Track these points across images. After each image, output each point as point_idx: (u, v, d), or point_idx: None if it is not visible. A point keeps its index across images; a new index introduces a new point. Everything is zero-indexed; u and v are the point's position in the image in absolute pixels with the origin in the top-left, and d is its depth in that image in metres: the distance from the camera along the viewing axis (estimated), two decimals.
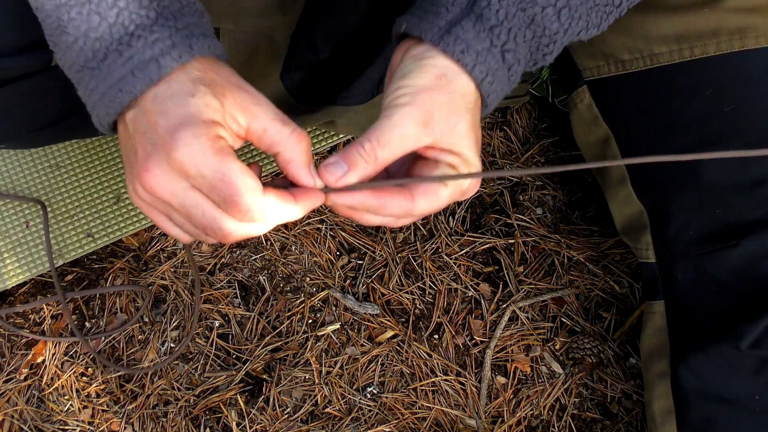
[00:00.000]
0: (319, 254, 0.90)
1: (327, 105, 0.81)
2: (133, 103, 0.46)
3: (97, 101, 0.47)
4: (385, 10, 0.81)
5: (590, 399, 0.85)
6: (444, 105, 0.48)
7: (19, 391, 0.86)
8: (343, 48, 0.81)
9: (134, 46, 0.45)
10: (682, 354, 0.71)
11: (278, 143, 0.47)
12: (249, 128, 0.47)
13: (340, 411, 0.85)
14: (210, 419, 0.85)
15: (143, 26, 0.46)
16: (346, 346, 0.87)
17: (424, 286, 0.88)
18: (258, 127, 0.48)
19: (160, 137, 0.45)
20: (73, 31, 0.46)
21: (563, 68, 0.79)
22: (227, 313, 0.89)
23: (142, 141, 0.46)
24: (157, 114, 0.45)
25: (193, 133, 0.44)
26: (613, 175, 0.78)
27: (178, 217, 0.48)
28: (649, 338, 0.76)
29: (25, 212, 0.89)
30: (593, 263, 0.88)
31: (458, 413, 0.84)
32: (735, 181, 0.67)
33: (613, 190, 0.78)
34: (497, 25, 0.49)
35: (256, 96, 0.48)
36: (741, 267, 0.67)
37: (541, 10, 0.49)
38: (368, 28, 0.81)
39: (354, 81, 0.80)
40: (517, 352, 0.86)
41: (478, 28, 0.49)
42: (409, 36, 0.51)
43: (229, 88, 0.47)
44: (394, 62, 0.52)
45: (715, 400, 0.68)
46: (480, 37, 0.49)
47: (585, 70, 0.75)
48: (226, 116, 0.46)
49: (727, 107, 0.67)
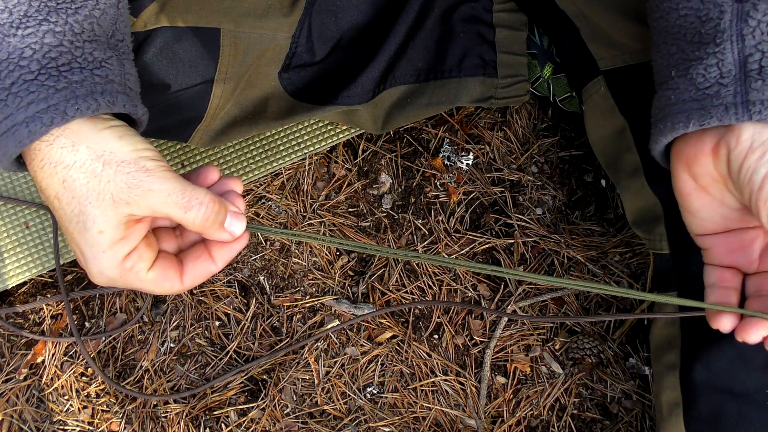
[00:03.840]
0: (319, 254, 0.90)
1: (327, 105, 0.81)
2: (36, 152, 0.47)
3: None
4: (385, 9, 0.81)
5: (590, 399, 0.85)
6: None
7: (19, 391, 0.86)
8: (342, 48, 0.81)
9: (9, 105, 0.44)
10: (694, 346, 0.70)
11: (183, 225, 0.50)
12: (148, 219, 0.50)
13: (340, 411, 0.85)
14: (210, 419, 0.85)
15: (22, 80, 0.44)
16: (346, 347, 0.87)
17: (423, 286, 0.88)
18: (159, 219, 0.51)
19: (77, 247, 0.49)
20: None
21: (574, 62, 0.79)
22: (227, 313, 0.89)
23: (70, 234, 0.49)
24: (61, 218, 0.48)
25: (100, 258, 0.48)
26: (626, 167, 0.77)
27: None
28: (659, 330, 0.76)
29: (25, 213, 0.89)
30: (593, 263, 0.88)
31: (458, 413, 0.85)
32: None
33: (625, 182, 0.78)
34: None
35: (144, 179, 0.47)
36: None
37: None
38: (368, 28, 0.81)
39: (354, 80, 0.80)
40: (517, 352, 0.86)
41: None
42: (691, 140, 0.49)
43: (115, 182, 0.47)
44: (700, 171, 0.50)
45: (723, 392, 0.67)
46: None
47: (600, 60, 0.74)
48: (121, 227, 0.48)
49: None
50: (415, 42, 0.81)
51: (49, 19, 0.45)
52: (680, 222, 0.73)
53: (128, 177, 0.46)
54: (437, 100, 0.84)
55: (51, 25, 0.45)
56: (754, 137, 0.46)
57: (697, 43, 0.50)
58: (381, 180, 0.92)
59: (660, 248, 0.75)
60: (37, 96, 0.44)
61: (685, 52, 0.51)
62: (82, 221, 0.46)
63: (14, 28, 0.44)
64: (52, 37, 0.45)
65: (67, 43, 0.46)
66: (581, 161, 0.92)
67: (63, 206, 0.46)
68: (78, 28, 0.47)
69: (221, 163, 0.90)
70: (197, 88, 0.74)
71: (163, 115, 0.75)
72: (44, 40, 0.45)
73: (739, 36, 0.47)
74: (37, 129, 0.44)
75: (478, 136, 0.93)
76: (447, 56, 0.82)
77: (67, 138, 0.45)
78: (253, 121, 0.81)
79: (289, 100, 0.81)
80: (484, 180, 0.92)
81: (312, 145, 0.91)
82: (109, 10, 0.49)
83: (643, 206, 0.77)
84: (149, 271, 0.49)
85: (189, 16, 0.70)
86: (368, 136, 0.93)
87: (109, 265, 0.47)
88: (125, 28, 0.52)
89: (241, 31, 0.73)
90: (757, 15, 0.47)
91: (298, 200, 0.91)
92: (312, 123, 0.91)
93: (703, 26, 0.49)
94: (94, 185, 0.46)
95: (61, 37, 0.45)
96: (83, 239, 0.47)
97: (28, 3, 0.45)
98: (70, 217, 0.46)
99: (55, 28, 0.45)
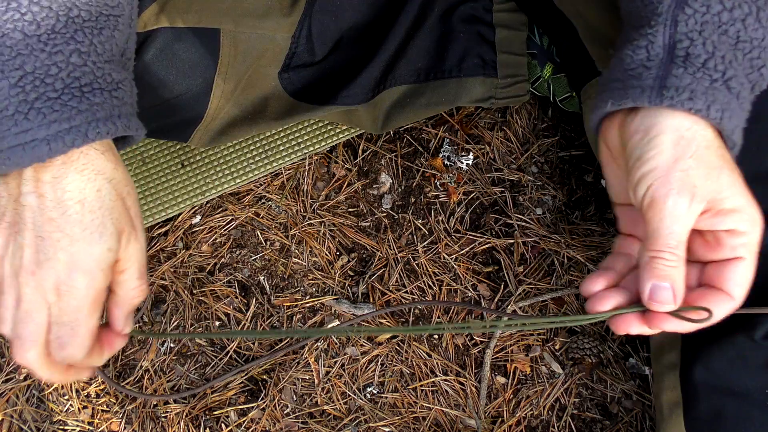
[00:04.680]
0: (319, 254, 0.90)
1: (327, 105, 0.81)
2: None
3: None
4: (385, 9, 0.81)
5: (590, 399, 0.85)
6: (697, 167, 0.45)
7: (19, 391, 0.86)
8: (342, 48, 0.81)
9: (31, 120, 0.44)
10: (694, 345, 0.70)
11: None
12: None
13: (340, 411, 0.85)
14: (210, 419, 0.85)
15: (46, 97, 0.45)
16: (346, 347, 0.87)
17: (423, 286, 0.88)
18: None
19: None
20: None
21: (573, 62, 0.79)
22: (227, 313, 0.89)
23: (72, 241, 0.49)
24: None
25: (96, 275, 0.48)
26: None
27: None
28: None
29: None
30: (593, 263, 0.88)
31: (458, 413, 0.85)
32: (750, 171, 0.66)
33: None
34: (709, 58, 0.45)
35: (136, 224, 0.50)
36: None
37: (743, 24, 0.46)
38: (367, 28, 0.81)
39: (354, 80, 0.80)
40: (517, 352, 0.86)
41: (691, 70, 0.45)
42: (614, 112, 0.48)
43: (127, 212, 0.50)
44: (610, 141, 0.49)
45: (724, 392, 0.67)
46: (697, 78, 0.45)
47: (598, 61, 0.74)
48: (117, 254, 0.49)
49: None
50: (415, 42, 0.81)
51: (75, 38, 0.46)
52: None
53: (134, 213, 0.50)
54: (437, 100, 0.84)
55: (77, 45, 0.46)
56: (643, 119, 0.46)
57: (636, 27, 0.50)
58: (381, 180, 0.92)
59: None
60: (60, 116, 0.44)
61: (626, 34, 0.51)
62: (98, 232, 0.47)
63: (42, 44, 0.45)
64: (78, 57, 0.46)
65: (90, 64, 0.46)
66: (581, 161, 0.92)
67: (83, 212, 0.46)
68: (101, 49, 0.47)
69: (221, 163, 0.90)
70: (197, 89, 0.74)
71: (163, 115, 0.75)
72: (70, 60, 0.45)
73: (673, 21, 0.47)
74: (58, 148, 0.44)
75: (478, 136, 0.93)
76: (447, 56, 0.82)
77: (113, 154, 0.48)
78: (253, 121, 0.81)
79: (289, 100, 0.81)
80: (484, 180, 0.92)
81: (312, 145, 0.91)
82: (125, 30, 0.50)
83: None
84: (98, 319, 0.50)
85: (189, 17, 0.70)
86: (368, 136, 0.93)
87: (97, 285, 0.47)
88: (133, 46, 0.53)
89: (241, 32, 0.73)
90: (695, 4, 0.47)
91: (298, 200, 0.91)
92: (312, 123, 0.91)
93: (644, 9, 0.49)
94: (118, 207, 0.48)
95: (86, 57, 0.46)
96: (88, 250, 0.46)
97: (56, 17, 0.45)
98: (85, 225, 0.46)
99: (81, 48, 0.46)
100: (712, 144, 0.46)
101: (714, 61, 0.45)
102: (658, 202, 0.45)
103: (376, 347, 0.87)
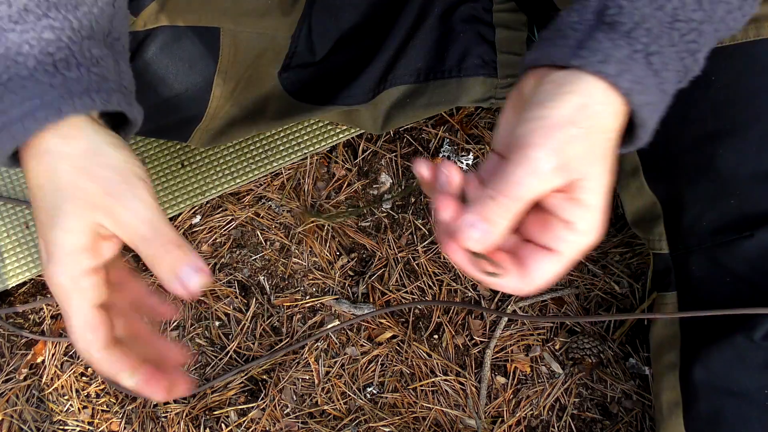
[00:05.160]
0: (319, 254, 0.90)
1: (327, 105, 0.81)
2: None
3: None
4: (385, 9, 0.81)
5: (590, 399, 0.85)
6: (579, 141, 0.42)
7: (19, 391, 0.86)
8: (342, 47, 0.81)
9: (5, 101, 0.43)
10: (693, 345, 0.70)
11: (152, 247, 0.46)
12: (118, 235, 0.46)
13: (340, 411, 0.85)
14: (210, 419, 0.85)
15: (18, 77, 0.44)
16: (346, 347, 0.87)
17: (423, 286, 0.88)
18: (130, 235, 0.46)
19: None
20: None
21: None
22: (227, 313, 0.89)
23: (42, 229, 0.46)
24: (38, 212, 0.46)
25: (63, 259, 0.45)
26: (625, 166, 0.77)
27: None
28: (659, 329, 0.76)
29: (25, 213, 0.89)
30: (593, 263, 0.88)
31: (458, 413, 0.84)
32: (750, 171, 0.66)
33: (624, 181, 0.78)
34: (634, 28, 0.44)
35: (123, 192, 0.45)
36: (755, 258, 0.66)
37: (681, 2, 0.44)
38: (367, 28, 0.81)
39: (354, 80, 0.80)
40: (517, 352, 0.86)
41: (612, 36, 0.44)
42: (539, 67, 0.46)
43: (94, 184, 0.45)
44: (524, 88, 0.47)
45: (723, 393, 0.67)
46: (617, 44, 0.43)
47: None
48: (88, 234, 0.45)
49: (743, 96, 0.66)
50: (415, 42, 0.81)
51: (48, 15, 0.45)
52: (679, 222, 0.73)
53: (108, 183, 0.45)
54: (437, 100, 0.84)
55: (50, 20, 0.45)
56: (563, 76, 0.44)
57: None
58: (381, 180, 0.92)
59: (659, 248, 0.75)
60: (32, 92, 0.43)
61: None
62: (54, 215, 0.44)
63: (13, 23, 0.44)
64: (51, 32, 0.45)
65: (65, 39, 0.45)
66: None
67: (44, 196, 0.45)
68: (77, 25, 0.46)
69: (221, 163, 0.90)
70: (197, 88, 0.74)
71: (162, 115, 0.75)
72: (42, 35, 0.44)
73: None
74: (31, 126, 0.43)
75: (478, 136, 0.93)
76: (447, 56, 0.82)
77: (64, 129, 0.45)
78: (253, 121, 0.81)
79: (289, 99, 0.81)
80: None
81: (312, 145, 0.91)
82: (107, 8, 0.49)
83: (642, 206, 0.77)
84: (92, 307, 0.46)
85: (189, 16, 0.70)
86: (368, 136, 0.93)
87: (64, 270, 0.45)
88: (122, 27, 0.52)
89: (241, 31, 0.73)
90: None
91: (298, 200, 0.91)
92: (312, 123, 0.92)
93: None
94: (75, 181, 0.44)
95: (60, 32, 0.45)
96: (52, 235, 0.44)
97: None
98: (47, 210, 0.45)
99: (54, 23, 0.45)
100: (610, 135, 0.44)
101: (639, 32, 0.44)
102: (528, 148, 0.42)
103: (376, 347, 0.87)
